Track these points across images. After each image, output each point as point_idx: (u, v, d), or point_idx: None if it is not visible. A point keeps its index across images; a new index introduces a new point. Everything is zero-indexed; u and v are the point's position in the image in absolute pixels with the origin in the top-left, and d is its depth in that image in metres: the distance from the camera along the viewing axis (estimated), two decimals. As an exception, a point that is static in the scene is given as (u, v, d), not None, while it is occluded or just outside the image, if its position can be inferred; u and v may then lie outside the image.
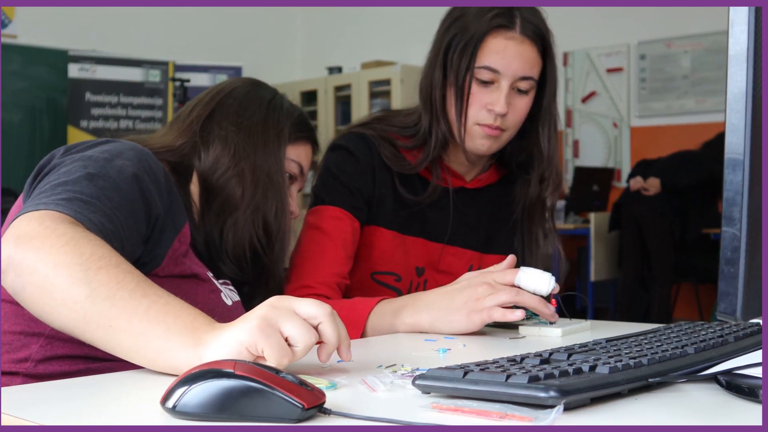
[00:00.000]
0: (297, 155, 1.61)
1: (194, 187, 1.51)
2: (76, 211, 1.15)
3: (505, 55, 1.59)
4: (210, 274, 1.44)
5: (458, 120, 1.64)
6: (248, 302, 1.51)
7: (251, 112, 1.56)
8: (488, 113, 1.62)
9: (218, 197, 1.50)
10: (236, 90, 1.60)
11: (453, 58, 1.63)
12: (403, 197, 1.70)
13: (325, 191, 1.70)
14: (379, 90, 7.46)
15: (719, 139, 5.96)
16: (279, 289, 1.58)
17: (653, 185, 5.96)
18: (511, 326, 1.50)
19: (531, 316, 1.50)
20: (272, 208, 1.51)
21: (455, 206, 1.75)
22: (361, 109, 7.46)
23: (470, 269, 1.73)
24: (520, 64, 1.60)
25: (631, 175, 6.33)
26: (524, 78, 1.61)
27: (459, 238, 1.76)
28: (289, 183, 1.58)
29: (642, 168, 6.32)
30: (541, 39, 1.63)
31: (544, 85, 1.67)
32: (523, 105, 1.63)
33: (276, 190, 1.52)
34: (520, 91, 1.63)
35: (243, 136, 1.53)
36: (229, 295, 1.46)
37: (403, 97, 7.10)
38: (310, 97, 7.84)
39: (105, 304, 1.02)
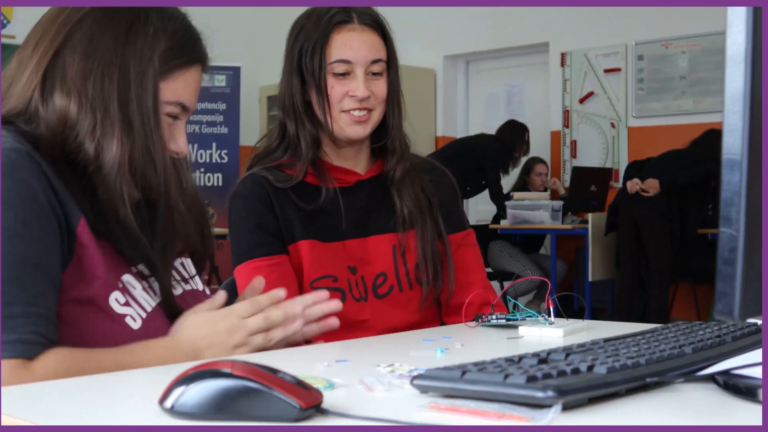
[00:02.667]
0: (173, 93, 1.34)
1: None
2: (14, 347, 1.13)
3: (351, 46, 1.73)
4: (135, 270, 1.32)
5: (324, 115, 1.75)
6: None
7: (104, 48, 1.28)
8: (351, 100, 1.74)
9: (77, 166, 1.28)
10: (87, 18, 1.30)
11: (306, 63, 1.75)
12: (305, 210, 1.76)
13: (242, 247, 1.76)
14: (377, 90, 7.45)
15: (707, 137, 5.97)
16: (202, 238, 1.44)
17: (652, 186, 5.97)
18: (509, 326, 1.50)
19: (530, 316, 1.51)
20: (149, 168, 1.29)
21: (359, 198, 1.82)
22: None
23: (393, 249, 1.79)
24: (368, 49, 1.74)
25: (626, 177, 6.33)
26: (375, 61, 1.75)
27: (375, 227, 1.81)
28: (168, 124, 1.35)
29: (635, 169, 6.32)
30: (379, 25, 1.78)
31: (389, 67, 1.81)
32: (381, 85, 1.77)
33: (150, 145, 1.29)
34: (375, 74, 1.76)
35: (95, 82, 1.27)
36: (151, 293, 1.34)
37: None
38: (308, 97, 7.82)
39: None
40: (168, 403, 0.84)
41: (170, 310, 1.34)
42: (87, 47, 1.27)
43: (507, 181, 7.27)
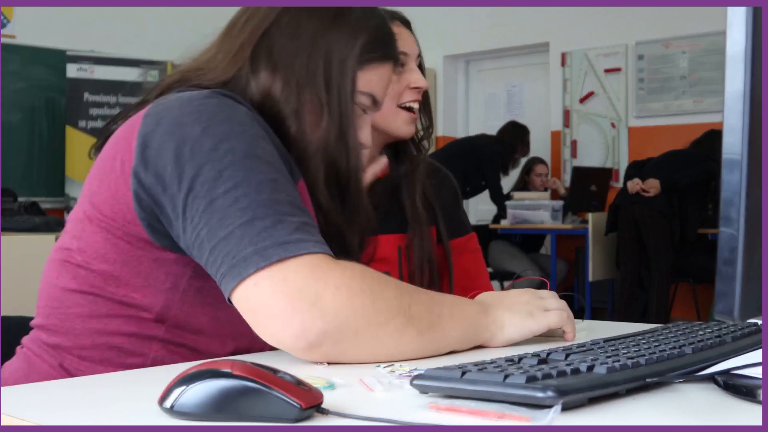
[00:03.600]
0: (367, 84, 1.37)
1: None
2: (320, 244, 1.12)
3: (403, 38, 1.73)
4: None
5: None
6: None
7: (310, 31, 1.32)
8: (412, 92, 1.75)
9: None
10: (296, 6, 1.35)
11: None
12: None
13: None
14: (377, 90, 7.46)
15: (708, 137, 5.98)
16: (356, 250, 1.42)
17: (653, 186, 5.97)
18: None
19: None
20: (342, 153, 1.32)
21: (372, 198, 1.80)
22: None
23: (399, 250, 1.79)
24: (414, 43, 1.80)
25: (627, 177, 6.33)
26: (419, 55, 1.80)
27: (383, 225, 1.79)
28: (357, 115, 1.38)
29: (635, 170, 6.33)
30: (409, 24, 1.84)
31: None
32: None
33: (345, 130, 1.32)
34: (418, 66, 1.79)
35: (300, 64, 1.31)
36: None
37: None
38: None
39: (426, 328, 1.15)
40: (168, 403, 0.84)
41: None
42: (294, 30, 1.32)
43: (507, 181, 7.27)
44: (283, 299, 1.07)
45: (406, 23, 1.82)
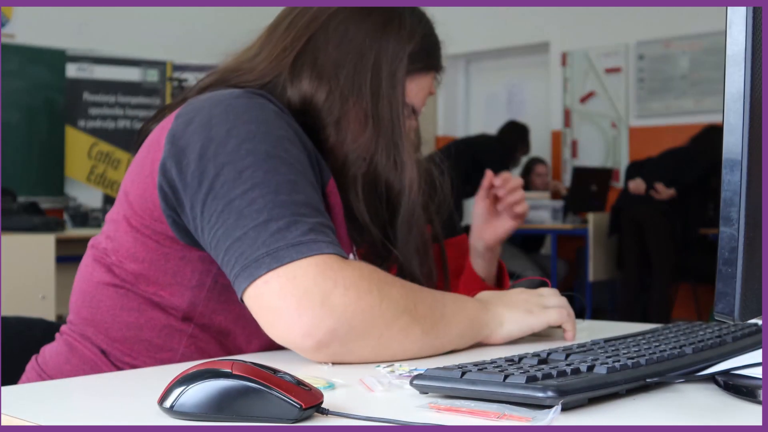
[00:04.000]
0: (408, 94, 1.35)
1: None
2: (333, 245, 1.12)
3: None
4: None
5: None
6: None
7: (358, 40, 1.30)
8: None
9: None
10: (343, 9, 1.32)
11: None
12: None
13: None
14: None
15: (707, 133, 5.98)
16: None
17: (666, 193, 5.97)
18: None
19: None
20: (388, 163, 1.30)
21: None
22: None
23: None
24: None
25: (628, 178, 6.33)
26: None
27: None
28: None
29: (635, 170, 6.34)
30: None
31: None
32: None
33: (397, 142, 1.30)
34: None
35: (347, 73, 1.28)
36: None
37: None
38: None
39: (430, 326, 1.16)
40: (167, 403, 0.84)
41: None
42: (341, 38, 1.29)
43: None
44: (292, 298, 1.07)
45: None
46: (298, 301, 1.07)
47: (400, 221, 1.34)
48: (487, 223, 1.69)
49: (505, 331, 1.27)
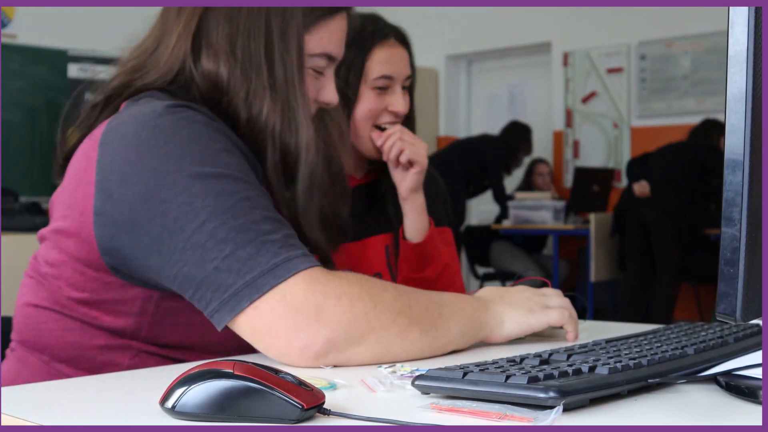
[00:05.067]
0: (319, 44, 1.30)
1: None
2: (306, 257, 1.11)
3: (392, 62, 1.75)
4: None
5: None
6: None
7: (246, 8, 1.26)
8: (390, 114, 1.77)
9: None
10: None
11: (341, 75, 1.73)
12: None
13: None
14: (378, 90, 7.46)
15: (704, 125, 5.99)
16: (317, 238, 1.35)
17: (639, 189, 6.02)
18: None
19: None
20: (289, 129, 1.26)
21: (356, 203, 1.81)
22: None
23: (386, 249, 1.81)
24: (404, 65, 1.78)
25: (631, 177, 6.33)
26: (407, 77, 1.79)
27: (370, 230, 1.83)
28: (315, 78, 1.33)
29: (637, 169, 6.34)
30: (407, 43, 1.81)
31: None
32: (408, 101, 1.80)
33: (292, 104, 1.26)
34: (404, 88, 1.79)
35: (242, 45, 1.25)
36: None
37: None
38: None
39: (428, 327, 1.16)
40: (169, 404, 0.84)
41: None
42: (229, 10, 1.25)
43: (511, 182, 7.27)
44: (285, 318, 1.07)
45: (404, 42, 1.80)
46: (292, 319, 1.07)
47: (299, 187, 1.29)
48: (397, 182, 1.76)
49: (506, 330, 1.27)
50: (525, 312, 1.28)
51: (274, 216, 1.14)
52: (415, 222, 1.78)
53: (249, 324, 1.09)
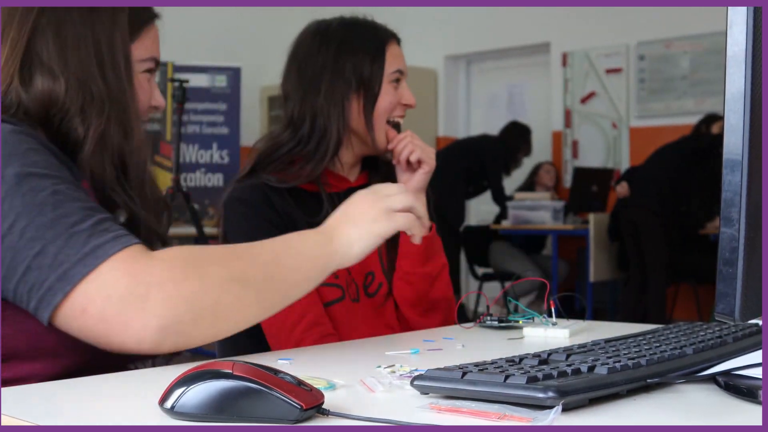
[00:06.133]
0: (147, 49, 1.38)
1: None
2: (120, 238, 1.10)
3: (402, 58, 1.84)
4: None
5: (368, 122, 1.80)
6: None
7: (72, 23, 1.27)
8: (402, 108, 1.84)
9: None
10: (48, 8, 1.27)
11: (363, 71, 1.80)
12: (303, 212, 1.77)
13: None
14: (378, 90, 7.46)
15: (696, 124, 6.01)
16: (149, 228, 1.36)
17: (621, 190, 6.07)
18: (511, 327, 1.51)
19: (529, 317, 1.51)
20: (127, 138, 1.28)
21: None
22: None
23: (379, 251, 1.80)
24: (406, 63, 1.87)
25: (619, 182, 6.39)
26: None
27: None
28: (147, 79, 1.38)
29: (627, 172, 6.41)
30: (398, 40, 1.87)
31: None
32: None
33: (129, 113, 1.29)
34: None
35: (73, 58, 1.25)
36: None
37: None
38: (309, 97, 7.83)
39: (265, 285, 1.17)
40: (168, 404, 0.84)
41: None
42: (57, 26, 1.25)
43: (513, 182, 7.27)
44: (110, 308, 1.05)
45: (398, 39, 1.87)
46: (118, 309, 1.05)
47: (134, 184, 1.30)
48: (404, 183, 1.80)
49: (355, 251, 1.28)
50: (370, 223, 1.29)
51: (86, 205, 1.13)
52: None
53: (73, 319, 1.07)
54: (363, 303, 1.76)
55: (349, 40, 1.80)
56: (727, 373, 0.94)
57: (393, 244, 1.80)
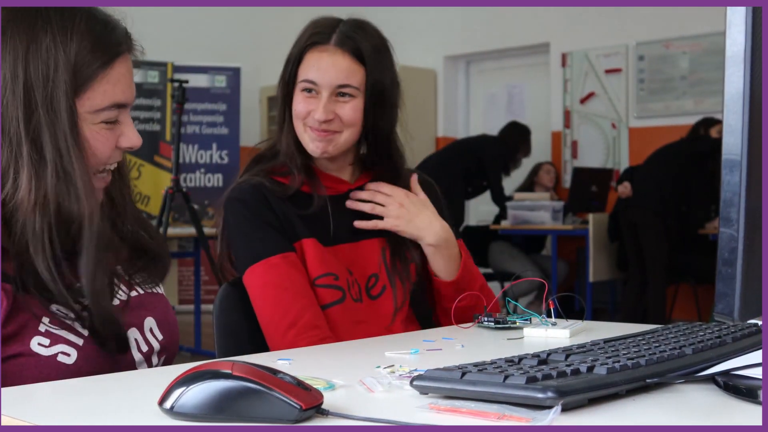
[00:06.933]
0: (105, 97, 1.23)
1: None
2: None
3: (319, 67, 1.75)
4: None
5: (286, 128, 1.79)
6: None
7: (7, 75, 1.17)
8: (313, 120, 1.76)
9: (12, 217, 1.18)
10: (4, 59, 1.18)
11: (284, 76, 1.79)
12: (302, 214, 1.77)
13: (252, 248, 1.73)
14: (377, 91, 7.45)
15: (695, 125, 6.01)
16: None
17: (622, 190, 6.05)
18: (509, 327, 1.50)
19: (527, 318, 1.50)
20: (68, 197, 1.19)
21: (349, 207, 1.84)
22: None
23: (383, 252, 1.80)
24: (336, 73, 1.75)
25: (621, 182, 6.37)
26: (342, 86, 1.75)
27: (361, 233, 1.82)
28: (110, 128, 1.25)
29: (627, 172, 6.40)
30: (356, 50, 1.76)
31: (368, 92, 1.79)
32: (348, 109, 1.76)
33: (68, 170, 1.18)
34: (344, 96, 1.76)
35: (4, 114, 1.17)
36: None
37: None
38: (308, 97, 7.84)
39: None
40: (168, 404, 0.84)
41: (108, 328, 1.23)
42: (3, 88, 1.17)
43: (513, 182, 7.27)
44: None
45: (351, 50, 1.76)
46: None
47: (83, 255, 1.21)
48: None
49: None
50: None
51: None
52: (442, 267, 1.81)
53: None
54: (366, 304, 1.75)
55: (296, 41, 1.79)
56: (726, 373, 0.94)
57: (398, 248, 1.80)
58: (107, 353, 1.23)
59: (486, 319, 1.53)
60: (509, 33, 7.83)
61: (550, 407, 0.82)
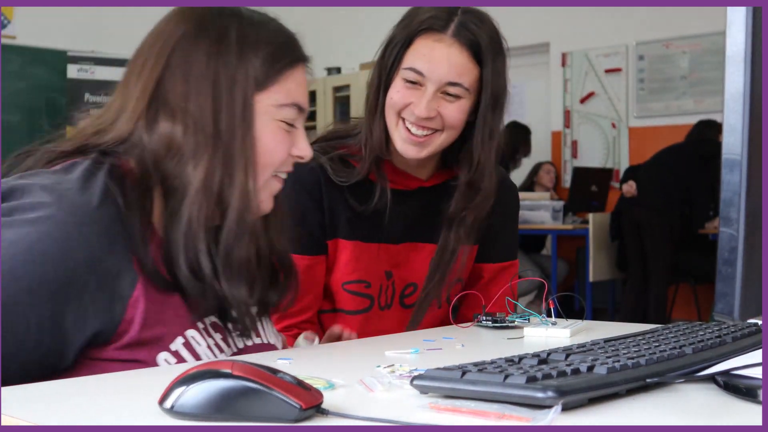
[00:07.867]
0: (288, 94, 1.28)
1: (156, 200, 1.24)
2: None
3: (431, 58, 1.58)
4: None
5: (374, 117, 1.66)
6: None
7: (198, 64, 1.24)
8: (410, 113, 1.61)
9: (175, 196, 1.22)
10: (182, 39, 1.26)
11: (385, 59, 1.63)
12: (355, 208, 1.67)
13: None
14: (377, 90, 7.45)
15: (699, 125, 6.01)
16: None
17: (627, 189, 6.04)
18: (507, 327, 1.50)
19: (527, 317, 1.50)
20: (227, 182, 1.23)
21: (414, 204, 1.72)
22: (359, 110, 7.44)
23: (432, 263, 1.70)
24: (448, 68, 1.59)
25: (624, 181, 6.36)
26: (452, 84, 1.60)
27: (419, 234, 1.73)
28: (286, 131, 1.29)
29: (630, 171, 6.39)
30: (475, 45, 1.62)
31: (480, 94, 1.64)
32: (453, 109, 1.61)
33: (234, 155, 1.23)
34: (450, 95, 1.61)
35: (192, 104, 1.23)
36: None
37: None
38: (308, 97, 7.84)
39: None
40: (168, 404, 0.84)
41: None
42: (184, 68, 1.24)
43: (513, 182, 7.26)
44: None
45: (468, 43, 1.65)
46: None
47: (222, 247, 1.24)
48: None
49: None
50: None
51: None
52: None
53: None
54: (394, 311, 1.70)
55: (399, 22, 1.66)
56: (726, 372, 0.94)
57: (445, 261, 1.70)
58: None
59: (485, 318, 1.52)
60: (509, 33, 7.79)
61: (550, 407, 0.82)
